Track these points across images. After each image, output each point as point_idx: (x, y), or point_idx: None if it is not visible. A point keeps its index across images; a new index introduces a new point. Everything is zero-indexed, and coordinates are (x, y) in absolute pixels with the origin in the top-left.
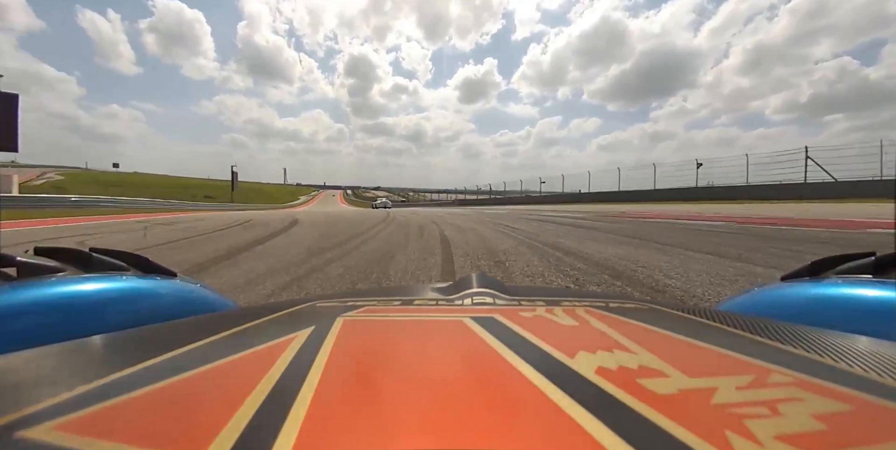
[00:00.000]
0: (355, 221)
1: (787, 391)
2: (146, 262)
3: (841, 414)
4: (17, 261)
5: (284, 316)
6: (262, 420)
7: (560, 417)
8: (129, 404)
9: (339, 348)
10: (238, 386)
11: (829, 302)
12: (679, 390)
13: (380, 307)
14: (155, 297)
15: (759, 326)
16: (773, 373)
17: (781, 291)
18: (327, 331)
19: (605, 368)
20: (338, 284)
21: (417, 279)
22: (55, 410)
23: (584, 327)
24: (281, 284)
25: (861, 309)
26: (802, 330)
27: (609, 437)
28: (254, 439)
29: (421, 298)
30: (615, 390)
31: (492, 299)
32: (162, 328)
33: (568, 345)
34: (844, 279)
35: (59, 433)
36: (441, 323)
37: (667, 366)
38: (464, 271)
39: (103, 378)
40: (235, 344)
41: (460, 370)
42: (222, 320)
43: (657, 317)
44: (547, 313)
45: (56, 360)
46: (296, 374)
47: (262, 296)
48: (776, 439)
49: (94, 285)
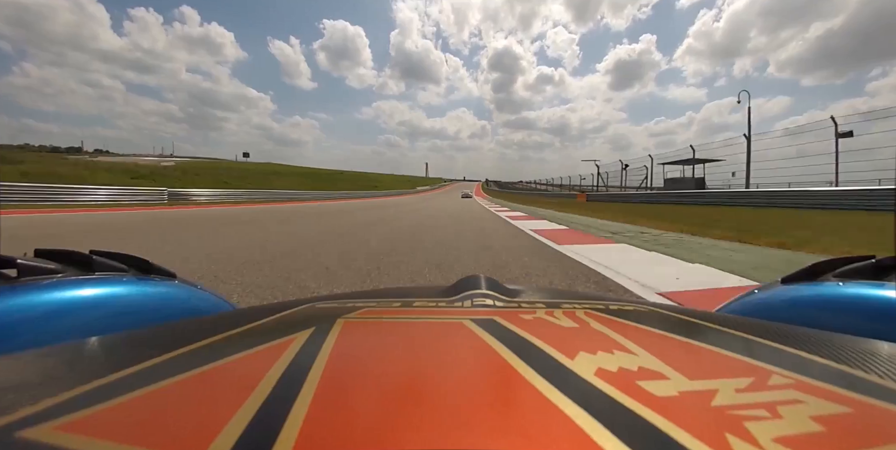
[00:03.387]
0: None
1: (786, 394)
2: (146, 263)
3: (841, 416)
4: (17, 262)
5: (284, 317)
6: (262, 421)
7: (560, 418)
8: (129, 404)
9: (339, 349)
10: (238, 387)
11: (828, 305)
12: (679, 392)
13: (379, 309)
14: (154, 298)
15: (759, 328)
16: (772, 375)
17: (781, 294)
18: (327, 332)
19: (605, 369)
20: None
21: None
22: (55, 410)
23: (585, 329)
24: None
25: (861, 312)
26: (802, 332)
27: (609, 438)
28: (254, 439)
29: (421, 300)
30: (615, 391)
31: (492, 301)
32: (162, 329)
33: (568, 347)
34: (844, 282)
35: (59, 433)
36: (441, 324)
37: (666, 368)
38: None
39: (103, 378)
40: (235, 345)
41: (460, 371)
42: (222, 321)
43: (657, 319)
44: (547, 315)
45: (56, 360)
46: (296, 375)
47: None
48: (776, 441)
49: (94, 287)
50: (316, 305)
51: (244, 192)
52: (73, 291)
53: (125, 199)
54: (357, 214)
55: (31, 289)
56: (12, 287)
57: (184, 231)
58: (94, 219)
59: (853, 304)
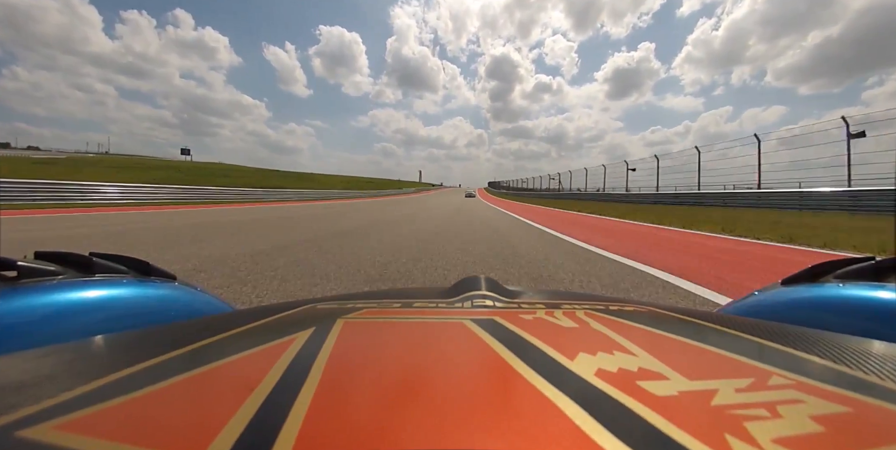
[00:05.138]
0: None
1: (786, 394)
2: (146, 265)
3: (841, 416)
4: (17, 265)
5: (284, 318)
6: (261, 421)
7: (560, 418)
8: (128, 404)
9: (339, 349)
10: (238, 387)
11: (829, 306)
12: (679, 393)
13: (379, 309)
14: (154, 300)
15: (759, 328)
16: (772, 375)
17: (782, 295)
18: (327, 332)
19: (605, 370)
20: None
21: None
22: (55, 410)
23: (585, 330)
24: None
25: (861, 313)
26: (802, 332)
27: (608, 439)
28: (254, 439)
29: (421, 301)
30: (615, 391)
31: (491, 302)
32: (162, 330)
33: (568, 347)
34: (844, 283)
35: (59, 433)
36: (441, 324)
37: (666, 368)
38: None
39: (103, 378)
40: (235, 345)
41: (460, 372)
42: (222, 322)
43: (657, 320)
44: (547, 316)
45: (56, 360)
46: (296, 375)
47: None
48: (775, 441)
49: (95, 288)
50: (316, 306)
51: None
52: (74, 292)
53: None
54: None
55: (31, 291)
56: (13, 289)
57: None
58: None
59: (853, 305)
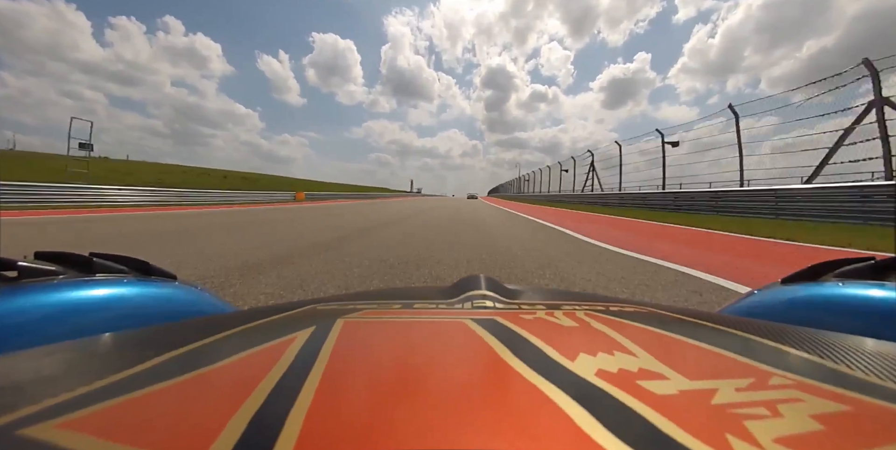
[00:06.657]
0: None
1: (786, 393)
2: (146, 265)
3: (841, 416)
4: (17, 265)
5: (284, 318)
6: (262, 421)
7: (560, 418)
8: (129, 404)
9: (340, 349)
10: (238, 387)
11: (829, 305)
12: (679, 392)
13: (380, 310)
14: (155, 300)
15: (759, 328)
16: (772, 375)
17: (781, 295)
18: (327, 332)
19: (605, 370)
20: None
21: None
22: (55, 410)
23: (585, 330)
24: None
25: (861, 312)
26: (802, 332)
27: (609, 439)
28: (255, 439)
29: (421, 301)
30: (616, 391)
31: (492, 302)
32: (162, 329)
33: (569, 347)
34: (844, 282)
35: (60, 433)
36: (441, 324)
37: (666, 368)
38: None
39: (103, 378)
40: (235, 345)
41: (460, 372)
42: (222, 322)
43: (657, 320)
44: (548, 316)
45: (56, 360)
46: (296, 375)
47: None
48: (775, 441)
49: (95, 288)
50: (317, 306)
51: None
52: (74, 292)
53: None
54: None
55: (31, 290)
56: (13, 289)
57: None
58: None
59: (853, 304)
